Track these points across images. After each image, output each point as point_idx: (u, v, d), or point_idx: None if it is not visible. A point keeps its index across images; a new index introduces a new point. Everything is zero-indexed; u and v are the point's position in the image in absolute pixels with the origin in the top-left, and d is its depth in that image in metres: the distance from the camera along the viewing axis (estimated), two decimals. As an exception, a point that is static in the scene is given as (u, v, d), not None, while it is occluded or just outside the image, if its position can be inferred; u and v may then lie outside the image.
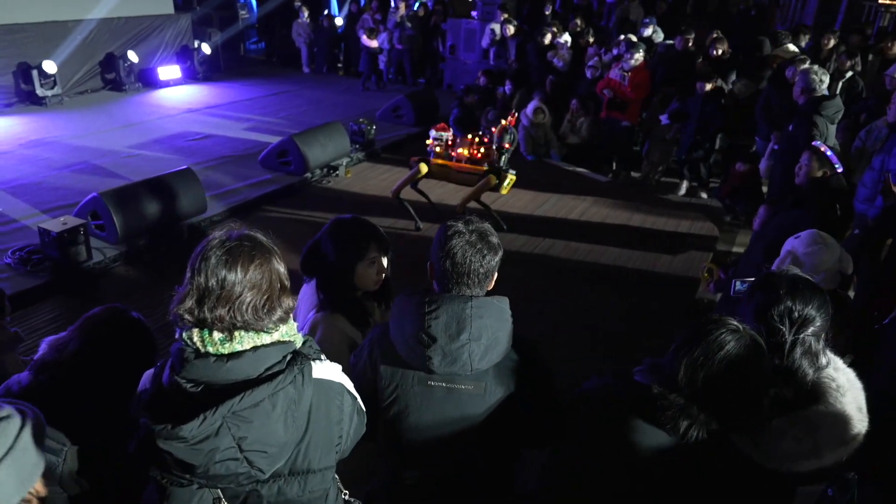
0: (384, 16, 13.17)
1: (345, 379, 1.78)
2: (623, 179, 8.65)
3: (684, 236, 7.02)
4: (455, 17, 13.19)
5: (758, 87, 7.92)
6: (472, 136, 6.57)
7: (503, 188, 6.54)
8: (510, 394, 1.96)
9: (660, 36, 10.29)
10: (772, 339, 1.88)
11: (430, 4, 13.70)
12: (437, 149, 6.51)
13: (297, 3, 14.09)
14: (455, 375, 1.91)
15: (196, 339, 1.57)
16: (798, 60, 7.36)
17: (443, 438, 1.99)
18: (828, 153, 4.00)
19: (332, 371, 1.74)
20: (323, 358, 1.78)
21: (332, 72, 14.64)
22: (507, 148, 6.36)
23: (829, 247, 2.85)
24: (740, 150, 7.81)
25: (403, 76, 13.48)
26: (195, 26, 13.54)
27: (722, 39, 8.86)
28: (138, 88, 11.89)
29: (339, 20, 15.10)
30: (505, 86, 10.03)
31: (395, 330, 1.97)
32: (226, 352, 1.56)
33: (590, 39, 9.82)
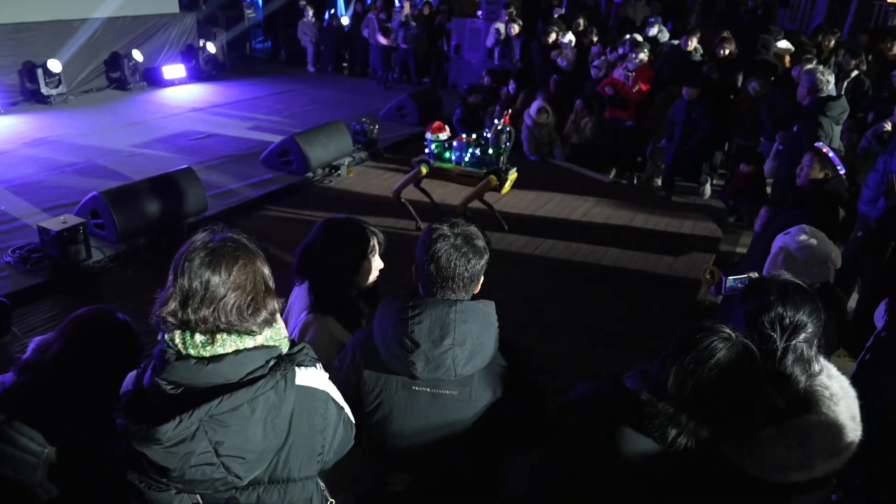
0: (389, 15, 13.13)
1: (332, 388, 1.74)
2: (627, 179, 8.59)
3: (687, 237, 6.97)
4: (462, 16, 13.15)
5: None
6: (469, 137, 6.53)
7: (504, 188, 6.50)
8: (496, 399, 1.93)
9: (665, 35, 10.22)
10: (763, 345, 1.84)
11: (436, 4, 13.65)
12: (436, 151, 6.45)
13: (302, 3, 14.08)
14: (439, 381, 1.88)
15: (178, 341, 1.55)
16: (804, 60, 7.30)
17: (428, 444, 1.96)
18: (830, 154, 3.95)
19: (318, 379, 1.71)
20: (318, 366, 1.75)
21: (337, 71, 14.63)
22: (504, 149, 6.32)
23: (819, 241, 2.86)
24: (748, 150, 7.72)
25: (408, 75, 13.46)
26: (201, 25, 13.55)
27: (729, 39, 8.78)
28: (143, 87, 11.90)
29: (345, 19, 15.09)
30: (509, 85, 9.99)
31: (378, 334, 1.94)
32: (207, 354, 1.54)
33: (593, 39, 9.76)
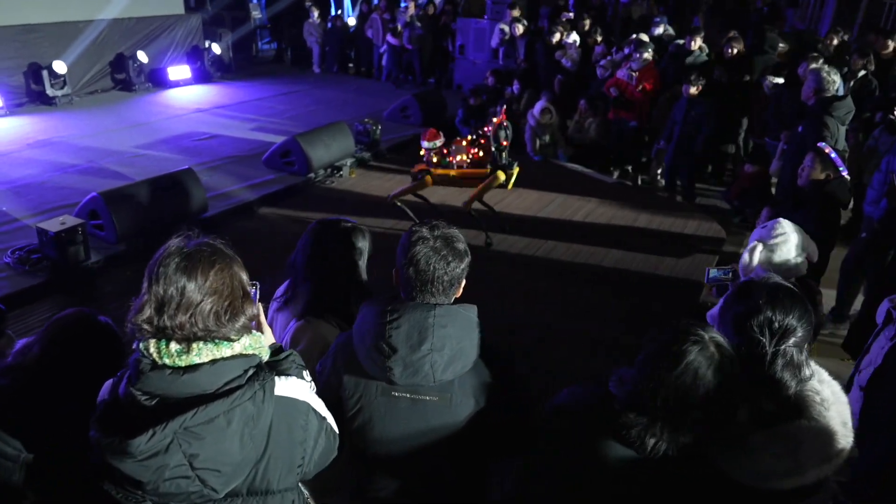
0: (393, 15, 13.12)
1: (313, 398, 1.70)
2: (631, 180, 8.52)
3: (690, 238, 6.90)
4: (470, 16, 13.10)
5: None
6: (466, 140, 6.47)
7: (509, 184, 6.44)
8: (478, 405, 1.89)
9: (671, 35, 10.14)
10: (752, 350, 1.79)
11: (440, 4, 13.62)
12: (434, 158, 6.38)
13: (307, 3, 14.10)
14: (418, 386, 1.85)
15: (152, 350, 1.52)
16: (810, 59, 7.21)
17: (409, 450, 1.93)
18: (832, 155, 3.89)
19: (299, 389, 1.67)
20: (305, 374, 1.72)
21: (342, 71, 14.62)
22: (504, 145, 6.26)
23: (794, 233, 2.94)
24: (758, 149, 7.64)
25: (413, 76, 13.44)
26: (207, 26, 13.58)
27: (737, 39, 8.69)
28: (148, 88, 11.93)
29: (352, 20, 15.08)
30: (513, 86, 9.94)
31: (357, 339, 1.91)
32: (182, 364, 1.51)
33: (597, 39, 9.69)
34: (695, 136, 7.29)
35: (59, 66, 10.47)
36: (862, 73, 7.54)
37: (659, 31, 9.93)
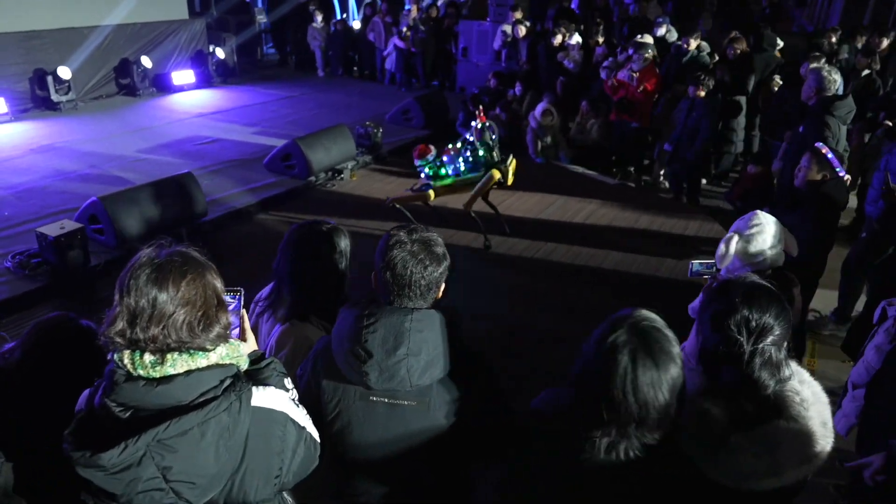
0: (395, 18, 13.13)
1: (291, 408, 1.68)
2: (633, 182, 8.48)
3: (692, 240, 6.85)
4: (475, 18, 13.08)
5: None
6: (455, 147, 6.42)
7: (509, 179, 6.39)
8: (457, 409, 1.87)
9: (673, 35, 10.08)
10: (729, 349, 1.78)
11: (443, 7, 13.62)
12: (430, 171, 6.31)
13: (311, 7, 14.14)
14: (396, 391, 1.83)
15: (127, 361, 1.51)
16: (812, 58, 7.15)
17: (388, 455, 1.91)
18: (829, 156, 3.84)
19: (277, 399, 1.65)
20: (287, 381, 1.70)
21: (346, 75, 14.65)
22: (493, 143, 6.23)
23: (769, 224, 2.97)
24: (763, 149, 7.58)
25: (416, 78, 13.45)
26: (211, 31, 13.63)
27: (739, 39, 8.64)
28: (152, 93, 11.98)
29: (356, 23, 15.11)
30: (515, 87, 9.92)
31: (335, 343, 1.89)
32: (157, 375, 1.50)
33: (599, 40, 9.66)
34: (694, 138, 7.24)
35: (64, 72, 10.54)
36: (866, 72, 7.49)
37: (661, 31, 9.88)
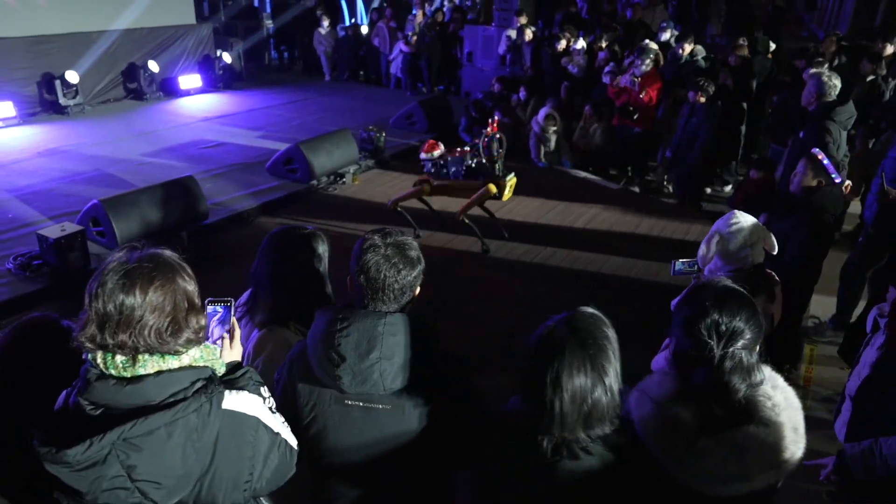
0: (399, 23, 13.17)
1: (265, 413, 1.68)
2: (637, 186, 8.46)
3: (693, 245, 6.78)
4: (483, 22, 13.10)
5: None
6: (463, 150, 6.46)
7: (504, 195, 6.43)
8: (431, 413, 1.87)
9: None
10: (700, 353, 1.77)
11: (448, 12, 13.65)
12: (433, 168, 6.39)
13: (318, 12, 14.22)
14: (370, 395, 1.83)
15: (99, 361, 1.53)
16: (815, 63, 7.12)
17: (364, 459, 1.91)
18: (825, 162, 3.81)
19: (250, 404, 1.65)
20: (263, 390, 1.71)
21: (353, 79, 14.71)
22: (497, 156, 6.26)
23: (748, 223, 3.01)
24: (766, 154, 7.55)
25: (422, 83, 13.48)
26: (219, 35, 13.73)
27: (742, 46, 8.62)
28: (159, 97, 12.07)
29: (364, 28, 15.17)
30: (519, 92, 9.92)
31: (310, 347, 1.90)
32: (128, 375, 1.52)
33: (602, 45, 9.65)
34: (693, 143, 7.22)
35: (72, 76, 10.65)
36: (871, 77, 7.43)
37: (665, 36, 9.87)
